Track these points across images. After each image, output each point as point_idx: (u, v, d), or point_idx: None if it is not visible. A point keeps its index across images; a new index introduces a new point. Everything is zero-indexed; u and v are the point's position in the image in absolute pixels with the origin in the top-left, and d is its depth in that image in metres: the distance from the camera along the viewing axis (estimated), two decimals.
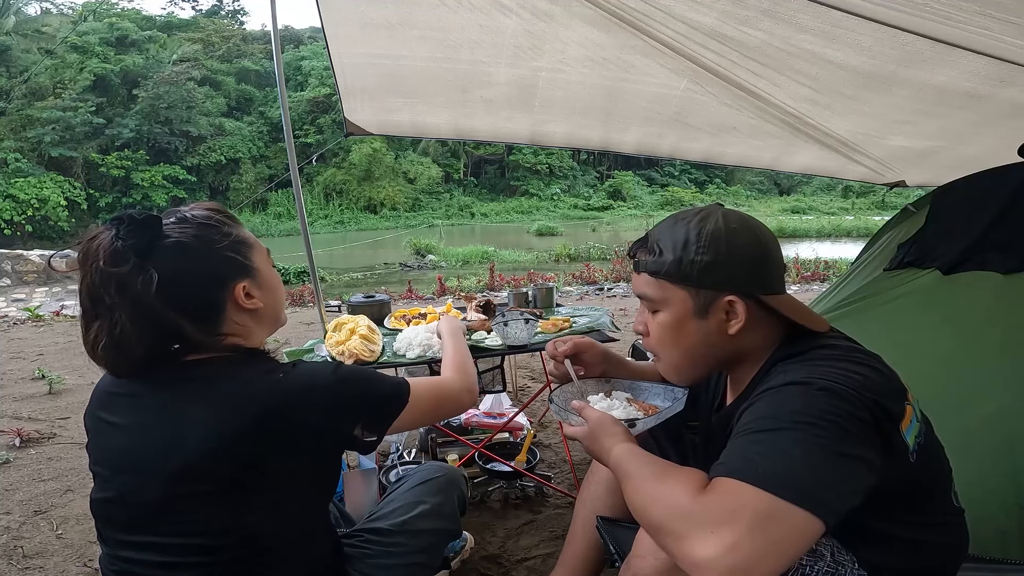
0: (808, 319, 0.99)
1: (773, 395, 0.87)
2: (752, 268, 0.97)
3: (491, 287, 8.85)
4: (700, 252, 0.97)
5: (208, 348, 0.95)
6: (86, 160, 23.22)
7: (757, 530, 0.71)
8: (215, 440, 0.89)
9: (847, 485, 0.78)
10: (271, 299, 1.04)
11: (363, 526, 1.21)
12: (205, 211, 0.99)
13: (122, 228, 0.89)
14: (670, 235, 1.00)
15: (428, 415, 1.20)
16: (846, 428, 0.79)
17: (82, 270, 0.90)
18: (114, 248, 0.88)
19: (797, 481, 0.74)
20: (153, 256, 0.89)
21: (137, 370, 0.94)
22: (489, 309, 2.23)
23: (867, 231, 15.32)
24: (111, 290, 0.88)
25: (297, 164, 2.68)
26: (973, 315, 1.79)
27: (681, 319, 1.00)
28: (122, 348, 0.90)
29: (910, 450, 0.87)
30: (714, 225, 0.98)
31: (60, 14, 29.34)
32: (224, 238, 0.97)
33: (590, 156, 31.25)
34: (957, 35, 1.60)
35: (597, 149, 3.41)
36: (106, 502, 0.96)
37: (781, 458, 0.77)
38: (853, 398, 0.81)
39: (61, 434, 2.95)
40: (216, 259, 0.96)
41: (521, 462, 2.22)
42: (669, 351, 1.04)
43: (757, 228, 1.01)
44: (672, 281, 0.99)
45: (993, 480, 1.47)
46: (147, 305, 0.88)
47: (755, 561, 0.70)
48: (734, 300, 0.97)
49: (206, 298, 0.95)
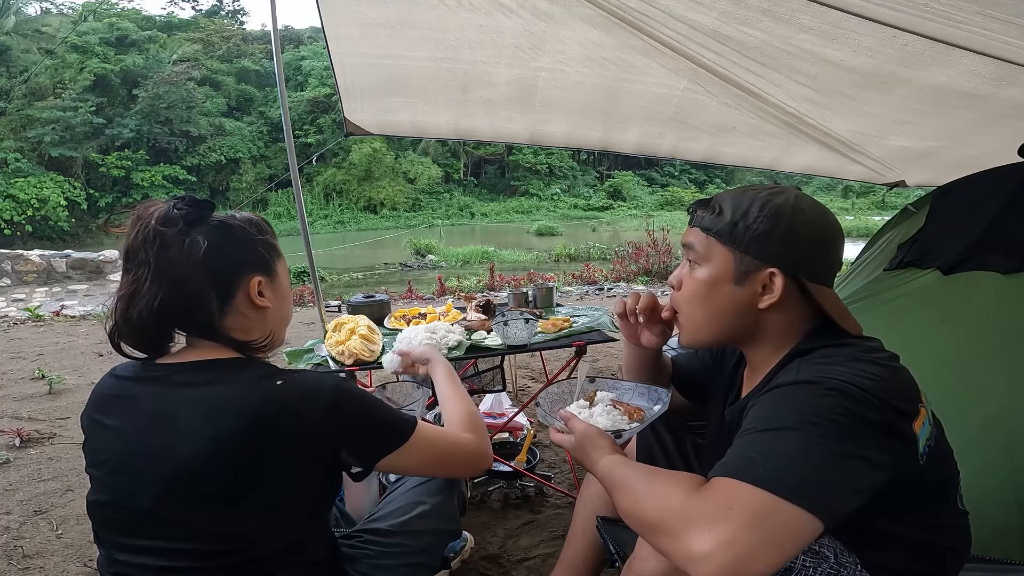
0: (842, 317, 0.98)
1: (780, 393, 0.87)
2: (805, 250, 0.96)
3: (491, 287, 8.85)
4: (759, 221, 0.95)
5: (211, 333, 0.99)
6: (86, 160, 23.21)
7: (753, 527, 0.71)
8: (210, 445, 0.89)
9: (848, 486, 0.77)
10: (279, 307, 1.09)
11: (363, 527, 1.20)
12: (250, 214, 1.10)
13: (180, 201, 0.99)
14: (735, 200, 0.99)
15: (430, 466, 1.11)
16: (852, 429, 0.79)
17: (133, 228, 0.98)
18: (168, 212, 0.97)
19: (794, 479, 0.74)
20: (197, 227, 0.99)
21: (145, 334, 0.98)
22: (489, 309, 2.23)
23: (867, 231, 15.30)
24: (154, 246, 0.95)
25: (297, 164, 2.69)
26: (973, 315, 1.79)
27: (718, 279, 0.99)
28: (136, 302, 0.95)
29: (920, 452, 0.86)
30: (783, 200, 0.96)
31: (60, 14, 29.35)
32: (259, 235, 1.06)
33: (590, 156, 31.24)
34: (957, 35, 1.60)
35: (597, 149, 3.42)
36: (102, 505, 0.97)
37: (781, 457, 0.77)
38: (862, 398, 0.81)
39: (61, 434, 2.95)
40: (246, 248, 1.04)
41: (521, 462, 2.22)
42: (695, 308, 1.03)
43: (828, 216, 0.99)
44: (722, 241, 0.98)
45: (993, 480, 1.47)
46: (179, 264, 0.96)
47: (751, 557, 0.70)
48: (775, 274, 0.95)
49: (227, 277, 1.01)
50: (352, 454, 0.99)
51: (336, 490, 1.09)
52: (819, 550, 0.87)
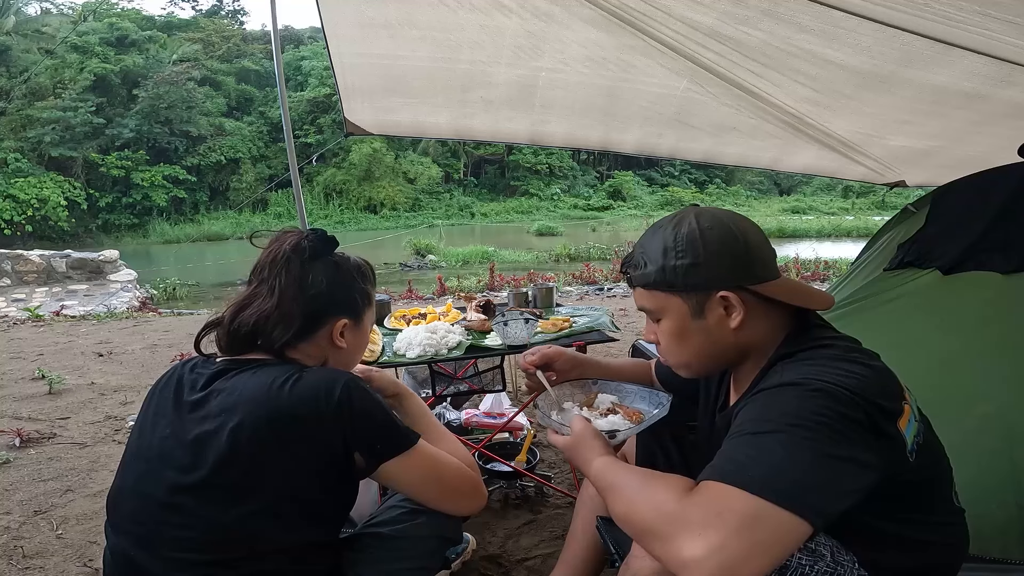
0: (806, 298, 1.00)
1: (766, 396, 0.88)
2: (733, 261, 0.98)
3: (491, 287, 8.85)
4: (679, 256, 0.98)
5: (276, 351, 1.06)
6: (86, 160, 23.20)
7: (743, 531, 0.72)
8: (228, 437, 0.94)
9: (837, 487, 0.78)
10: (352, 351, 1.17)
11: (364, 530, 1.20)
12: (360, 260, 1.21)
13: (312, 234, 1.12)
14: (650, 245, 1.02)
15: (429, 483, 1.09)
16: (838, 429, 0.79)
17: (268, 247, 1.12)
18: (300, 242, 1.10)
19: (783, 484, 0.75)
20: (316, 262, 1.11)
21: (234, 340, 1.07)
22: (489, 309, 2.23)
23: (867, 231, 15.32)
24: (279, 268, 1.08)
25: (297, 164, 2.69)
26: (973, 315, 1.79)
27: (682, 324, 1.01)
28: (245, 312, 1.06)
29: (908, 449, 0.87)
30: (688, 227, 0.99)
31: (60, 14, 29.31)
32: (362, 283, 1.17)
33: (590, 156, 31.22)
34: (957, 35, 1.60)
35: (597, 149, 3.42)
36: (119, 490, 1.03)
37: (768, 460, 0.78)
38: (847, 398, 0.81)
39: (61, 434, 2.95)
40: (347, 291, 1.14)
41: (521, 462, 2.22)
42: (678, 353, 1.05)
43: (731, 221, 1.01)
44: (662, 290, 1.01)
45: (993, 480, 1.47)
46: (289, 289, 1.07)
47: (741, 561, 0.71)
48: (726, 295, 0.97)
49: (321, 312, 1.10)
50: (357, 450, 1.01)
51: (348, 504, 1.10)
52: (815, 548, 0.88)
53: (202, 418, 0.98)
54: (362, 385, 1.03)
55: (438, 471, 1.10)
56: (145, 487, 0.98)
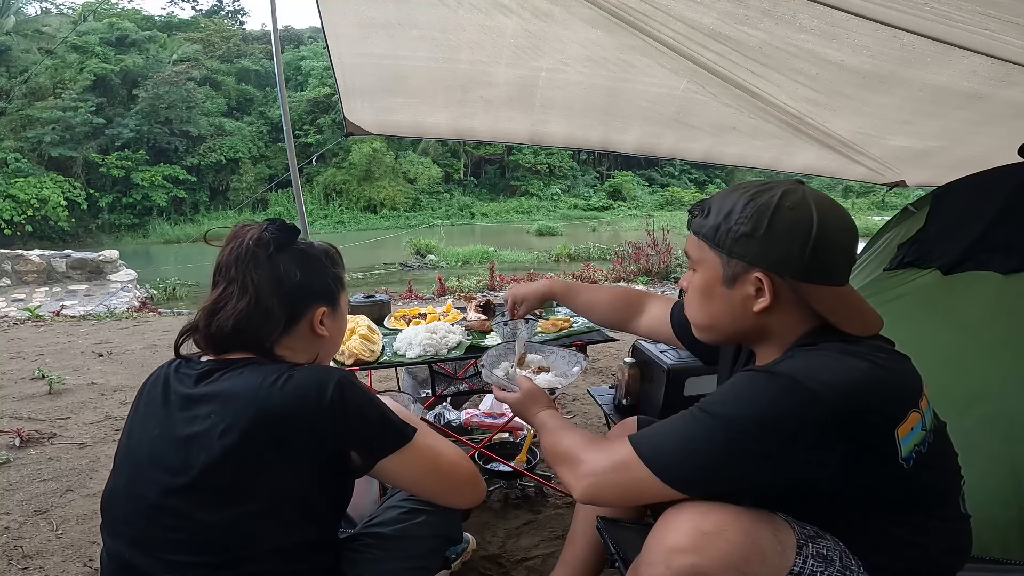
0: (847, 321, 0.93)
1: (740, 376, 0.92)
2: (789, 251, 0.91)
3: (491, 287, 8.84)
4: (740, 223, 0.94)
5: (262, 350, 1.05)
6: (86, 160, 23.17)
7: (613, 471, 0.95)
8: (219, 438, 0.92)
9: (721, 473, 0.88)
10: (334, 337, 1.17)
11: (363, 530, 1.20)
12: (326, 245, 1.19)
13: (271, 225, 1.09)
14: (722, 200, 0.99)
15: (429, 477, 1.10)
16: (775, 426, 0.83)
17: (228, 244, 1.07)
18: (261, 234, 1.07)
19: (658, 449, 0.92)
20: (283, 253, 1.08)
21: (216, 343, 1.05)
22: (489, 309, 2.23)
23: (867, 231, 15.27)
24: (246, 265, 1.04)
25: (297, 164, 2.69)
26: (973, 315, 1.79)
27: (710, 283, 1.00)
28: (219, 315, 1.03)
29: (903, 456, 0.86)
30: (767, 199, 0.93)
31: (60, 14, 29.28)
32: (332, 268, 1.15)
33: (590, 156, 31.21)
34: (957, 35, 1.60)
35: (597, 149, 3.41)
36: (112, 492, 1.01)
37: (666, 432, 0.93)
38: (816, 399, 0.82)
39: (61, 434, 2.95)
40: (320, 278, 1.12)
41: (521, 462, 2.22)
42: (696, 310, 1.06)
43: (820, 212, 0.92)
44: (709, 244, 0.99)
45: (993, 480, 1.47)
46: (264, 285, 1.04)
47: (604, 489, 0.96)
48: (761, 277, 0.94)
49: (299, 303, 1.08)
50: (352, 449, 1.00)
51: (342, 502, 1.09)
52: (826, 554, 0.88)
53: (191, 419, 0.96)
54: (355, 383, 1.01)
55: (437, 464, 1.10)
56: (136, 489, 0.97)
